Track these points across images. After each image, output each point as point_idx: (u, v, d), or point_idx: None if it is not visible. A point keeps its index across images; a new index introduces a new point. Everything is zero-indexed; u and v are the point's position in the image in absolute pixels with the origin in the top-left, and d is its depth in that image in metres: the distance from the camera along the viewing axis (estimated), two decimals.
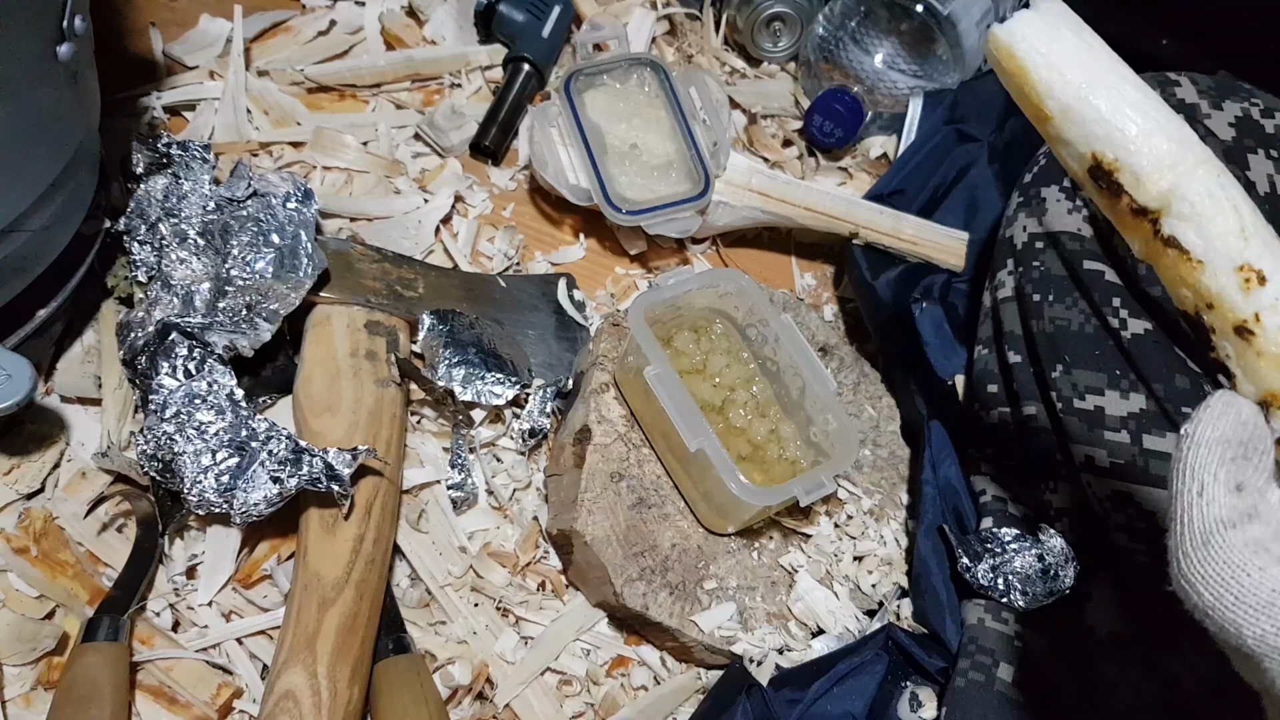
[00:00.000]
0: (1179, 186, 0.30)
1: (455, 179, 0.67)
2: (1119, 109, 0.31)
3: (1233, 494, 0.28)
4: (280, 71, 0.68)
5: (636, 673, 0.52)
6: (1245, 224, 0.30)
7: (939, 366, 0.60)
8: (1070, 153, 0.32)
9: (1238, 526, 0.27)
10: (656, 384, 0.49)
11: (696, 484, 0.52)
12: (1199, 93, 0.58)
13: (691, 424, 0.49)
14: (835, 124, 0.72)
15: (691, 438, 0.48)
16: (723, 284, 0.55)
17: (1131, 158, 0.31)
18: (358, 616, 0.46)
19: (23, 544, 0.49)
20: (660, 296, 0.54)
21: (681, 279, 0.55)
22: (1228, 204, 0.30)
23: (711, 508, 0.52)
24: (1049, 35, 0.32)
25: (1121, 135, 0.31)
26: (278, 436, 0.47)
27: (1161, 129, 0.31)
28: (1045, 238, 0.59)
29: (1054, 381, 0.55)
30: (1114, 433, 0.52)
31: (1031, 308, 0.57)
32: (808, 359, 0.53)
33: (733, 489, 0.47)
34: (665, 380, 0.50)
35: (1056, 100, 0.32)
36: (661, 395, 0.49)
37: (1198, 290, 0.30)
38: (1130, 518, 0.50)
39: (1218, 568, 0.27)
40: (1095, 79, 0.31)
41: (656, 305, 0.54)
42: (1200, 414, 0.29)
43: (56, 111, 0.46)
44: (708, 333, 0.57)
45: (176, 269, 0.51)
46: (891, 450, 0.60)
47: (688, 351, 0.55)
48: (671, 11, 0.78)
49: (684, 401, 0.49)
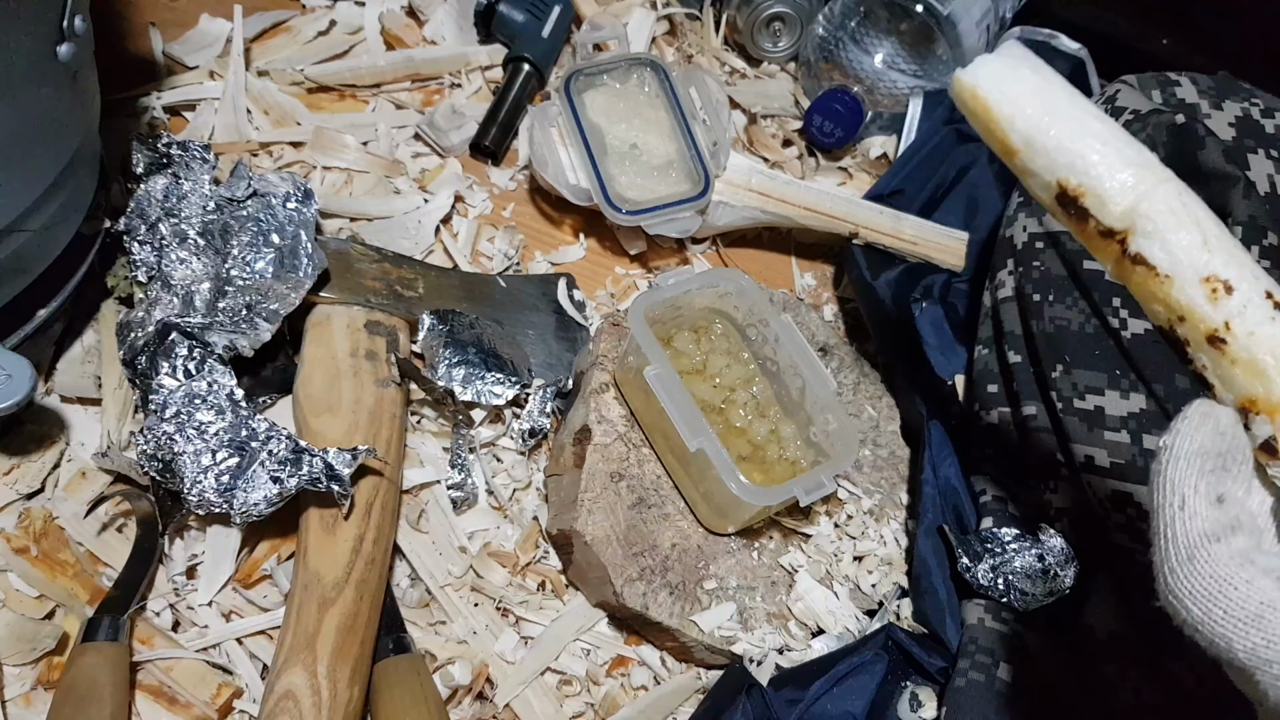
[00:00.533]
0: (1141, 205, 0.31)
1: (455, 179, 0.67)
2: (1080, 137, 0.32)
3: (1214, 506, 0.28)
4: (280, 71, 0.68)
5: (636, 673, 0.52)
6: (1208, 236, 0.31)
7: (939, 366, 0.60)
8: (1038, 183, 0.34)
9: (1221, 539, 0.27)
10: (656, 384, 0.49)
11: (696, 484, 0.52)
12: (1199, 93, 0.58)
13: (692, 424, 0.49)
14: (835, 124, 0.72)
15: (691, 438, 0.48)
16: (723, 284, 0.55)
17: (1095, 181, 0.32)
18: (358, 616, 0.46)
19: (23, 544, 0.49)
20: (660, 296, 0.54)
21: (681, 279, 0.55)
22: (1189, 218, 0.31)
23: (712, 508, 0.52)
24: (1009, 74, 0.33)
25: (1084, 161, 0.32)
26: (278, 436, 0.47)
27: (1121, 153, 0.32)
28: (1045, 237, 0.59)
29: (1054, 381, 0.55)
30: (1114, 433, 0.52)
31: (1032, 307, 0.57)
32: (808, 359, 0.53)
33: (732, 489, 0.47)
34: (665, 380, 0.50)
35: (1020, 133, 0.33)
36: (661, 395, 0.49)
37: (1169, 304, 0.31)
38: (1130, 518, 0.50)
39: (1204, 582, 0.27)
40: (1056, 111, 0.33)
41: (656, 305, 0.54)
42: (1177, 425, 0.29)
43: (56, 112, 0.46)
44: (708, 333, 0.57)
45: (176, 269, 0.51)
46: (891, 450, 0.60)
47: (687, 352, 0.55)
48: (671, 11, 0.78)
49: (684, 401, 0.49)
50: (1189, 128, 0.53)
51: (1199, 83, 0.59)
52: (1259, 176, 0.55)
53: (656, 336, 0.52)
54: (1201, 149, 0.53)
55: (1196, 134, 0.53)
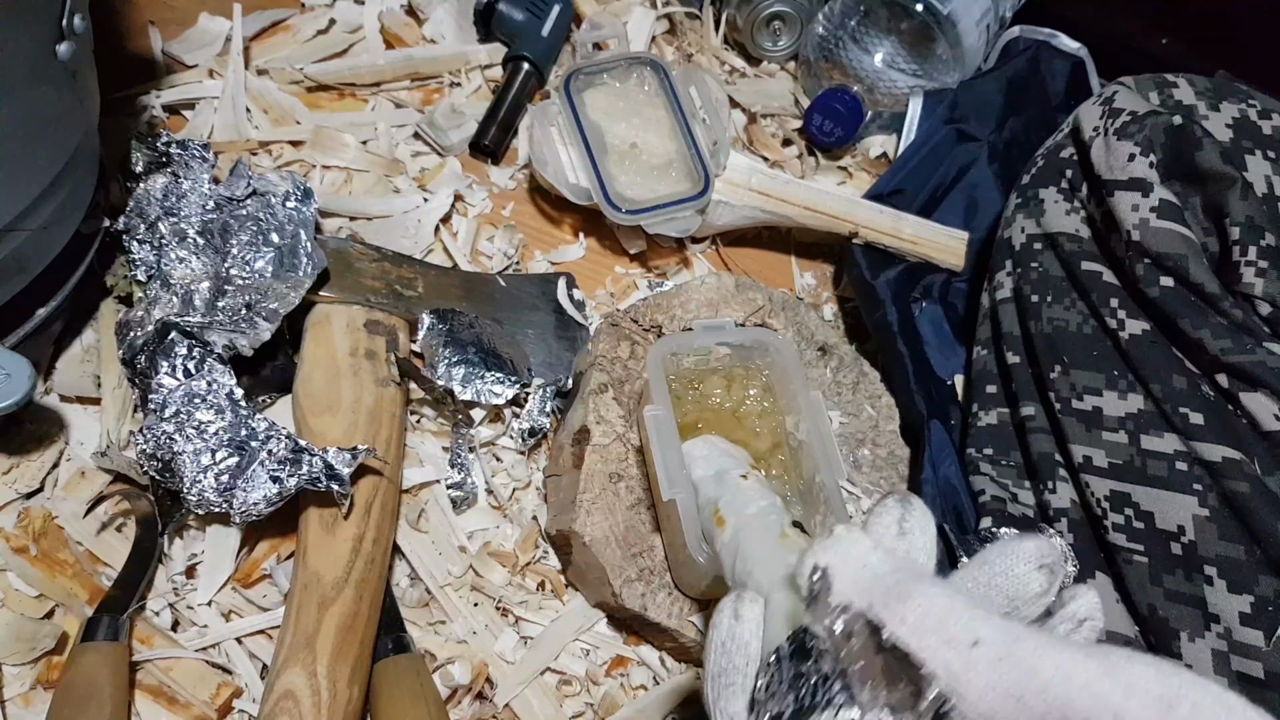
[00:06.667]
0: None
1: (455, 178, 0.67)
2: None
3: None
4: (280, 70, 0.67)
5: (636, 673, 0.52)
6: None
7: (939, 366, 0.61)
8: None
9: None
10: (651, 425, 0.47)
11: (671, 539, 0.50)
12: (1196, 94, 0.59)
13: (673, 473, 0.45)
14: (835, 123, 0.72)
15: (669, 487, 0.45)
16: (759, 343, 0.53)
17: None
18: (357, 616, 0.46)
19: (22, 543, 0.49)
20: (688, 342, 0.51)
21: (714, 326, 0.52)
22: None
23: (677, 565, 0.50)
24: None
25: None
26: (277, 436, 0.47)
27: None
28: (1043, 239, 0.59)
29: (1052, 382, 0.55)
30: (1112, 433, 0.52)
31: (1030, 309, 0.57)
32: (825, 442, 0.49)
33: (689, 547, 0.44)
34: (660, 424, 0.47)
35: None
36: (653, 436, 0.47)
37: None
38: (1128, 518, 0.50)
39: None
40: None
41: (683, 348, 0.52)
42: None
43: (55, 111, 0.46)
44: (743, 385, 0.54)
45: (176, 268, 0.51)
46: (891, 450, 0.60)
47: (714, 395, 0.53)
48: (671, 10, 0.78)
49: (671, 447, 0.46)
50: (1186, 129, 0.54)
51: (1196, 84, 0.59)
52: (1256, 177, 0.55)
53: (687, 374, 0.50)
54: (1199, 150, 0.53)
55: (1194, 135, 0.53)
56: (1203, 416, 0.50)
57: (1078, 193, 0.59)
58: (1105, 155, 0.56)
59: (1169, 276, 0.52)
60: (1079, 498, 0.53)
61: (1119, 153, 0.55)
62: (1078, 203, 0.58)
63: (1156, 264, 0.52)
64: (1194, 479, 0.49)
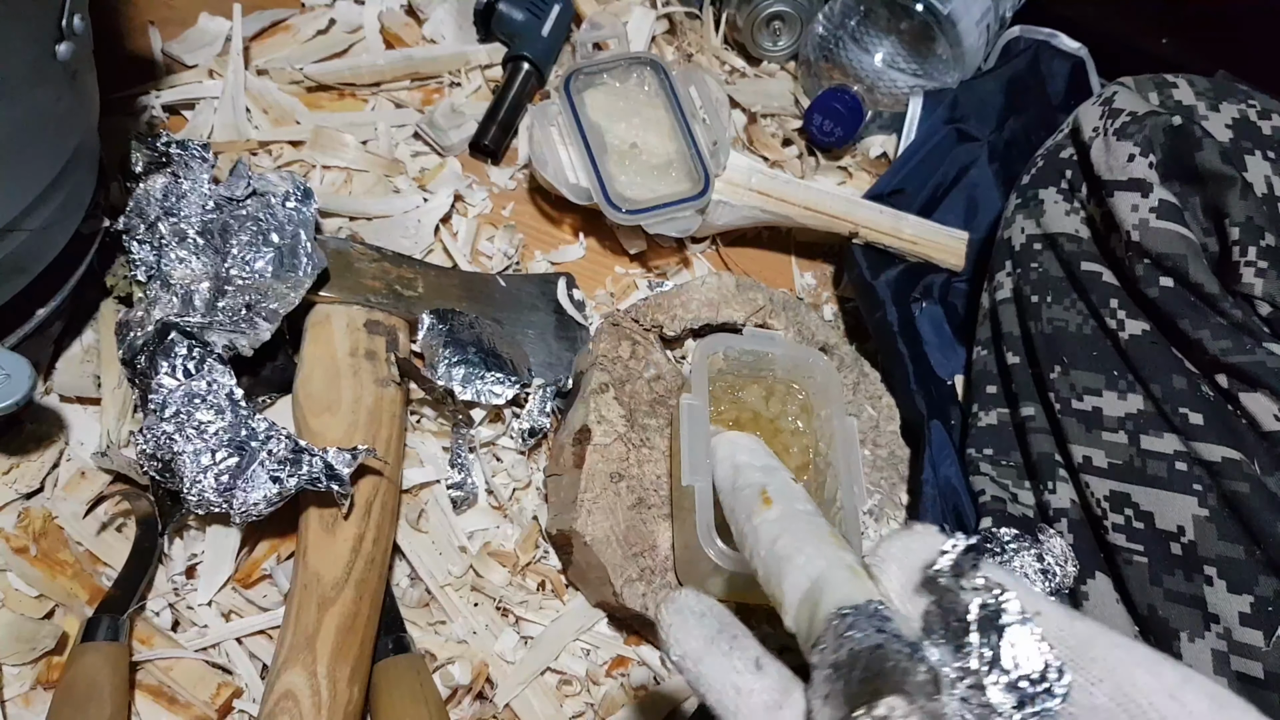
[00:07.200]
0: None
1: (455, 178, 0.67)
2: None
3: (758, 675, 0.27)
4: (279, 70, 0.67)
5: (636, 673, 0.52)
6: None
7: (939, 366, 0.61)
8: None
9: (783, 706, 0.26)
10: (685, 412, 0.49)
11: (680, 528, 0.50)
12: (1196, 94, 0.59)
13: (696, 461, 0.47)
14: (835, 123, 0.72)
15: (690, 473, 0.46)
16: (803, 362, 0.54)
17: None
18: (357, 616, 0.46)
19: (22, 543, 0.49)
20: (739, 344, 0.53)
21: (764, 336, 0.53)
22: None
23: (682, 560, 0.50)
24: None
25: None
26: (277, 436, 0.47)
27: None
28: (1043, 239, 0.59)
29: (1052, 382, 0.55)
30: (1112, 433, 0.52)
31: (1030, 309, 0.57)
32: (852, 468, 0.50)
33: (700, 538, 0.44)
34: (694, 413, 0.48)
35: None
36: (684, 423, 0.48)
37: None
38: (1128, 518, 0.50)
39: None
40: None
41: (733, 350, 0.53)
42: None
43: (55, 111, 0.46)
44: (783, 400, 0.55)
45: (176, 268, 0.51)
46: (891, 450, 0.60)
47: (751, 404, 0.54)
48: (671, 10, 0.78)
49: (699, 438, 0.48)
50: (1186, 129, 0.54)
51: (1196, 84, 0.59)
52: (1256, 178, 0.55)
53: (729, 381, 0.51)
54: (1199, 150, 0.53)
55: (1194, 135, 0.53)
56: (1202, 417, 0.50)
57: (1077, 193, 0.59)
58: (1105, 155, 0.56)
59: (1169, 277, 0.52)
60: (1079, 498, 0.53)
61: (1119, 153, 0.55)
62: (1077, 203, 0.58)
63: (1156, 264, 0.52)
64: (1194, 479, 0.49)
